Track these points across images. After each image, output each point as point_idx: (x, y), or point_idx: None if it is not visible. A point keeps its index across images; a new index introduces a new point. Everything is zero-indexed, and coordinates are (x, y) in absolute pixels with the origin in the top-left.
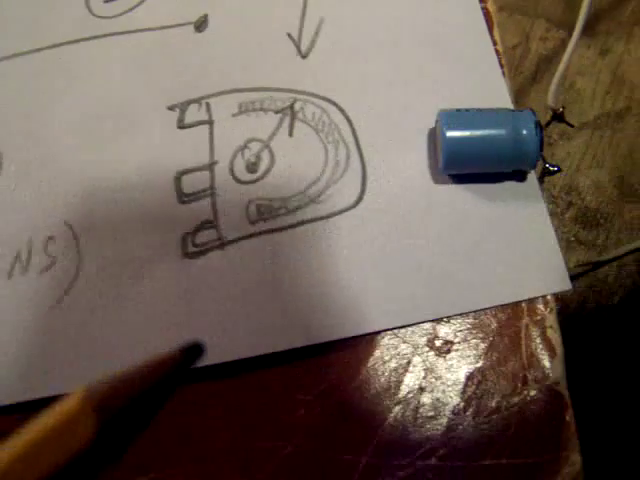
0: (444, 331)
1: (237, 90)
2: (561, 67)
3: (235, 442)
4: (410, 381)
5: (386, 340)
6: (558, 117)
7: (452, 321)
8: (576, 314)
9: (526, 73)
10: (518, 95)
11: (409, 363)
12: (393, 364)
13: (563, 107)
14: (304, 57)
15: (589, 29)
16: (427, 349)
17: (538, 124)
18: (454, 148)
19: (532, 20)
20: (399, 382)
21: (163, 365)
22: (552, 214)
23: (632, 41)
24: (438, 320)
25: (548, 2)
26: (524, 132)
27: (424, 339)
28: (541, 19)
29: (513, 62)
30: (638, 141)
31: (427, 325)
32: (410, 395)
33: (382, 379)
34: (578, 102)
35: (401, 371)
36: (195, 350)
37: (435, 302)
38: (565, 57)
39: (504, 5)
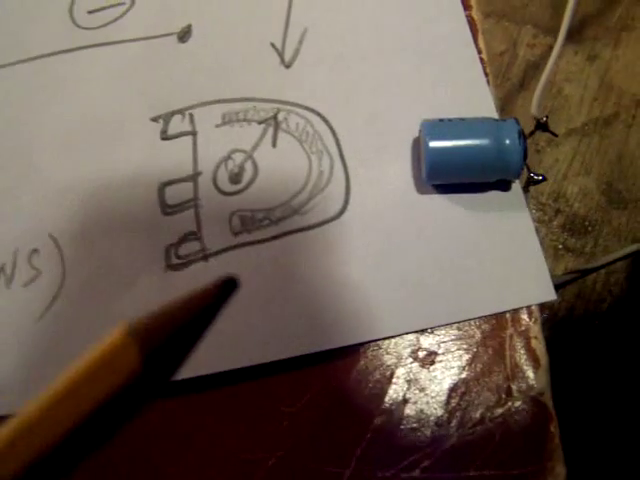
0: (428, 342)
1: (221, 101)
2: (544, 76)
3: (219, 454)
4: (394, 392)
5: (369, 351)
6: (542, 126)
7: (436, 332)
8: (564, 322)
9: (513, 80)
10: (505, 102)
11: (392, 374)
12: (376, 375)
13: (547, 116)
14: (288, 67)
15: (576, 35)
16: (411, 360)
17: (522, 134)
18: (437, 158)
19: (519, 26)
20: (383, 393)
21: (201, 298)
22: (540, 222)
23: (620, 47)
24: (422, 331)
25: (535, 8)
26: (507, 142)
27: (408, 350)
28: (528, 25)
29: (500, 69)
30: (626, 148)
31: (410, 336)
32: (394, 406)
33: (365, 391)
34: (566, 108)
35: (385, 382)
36: (230, 284)
37: (419, 313)
38: (548, 66)
39: (491, 11)
